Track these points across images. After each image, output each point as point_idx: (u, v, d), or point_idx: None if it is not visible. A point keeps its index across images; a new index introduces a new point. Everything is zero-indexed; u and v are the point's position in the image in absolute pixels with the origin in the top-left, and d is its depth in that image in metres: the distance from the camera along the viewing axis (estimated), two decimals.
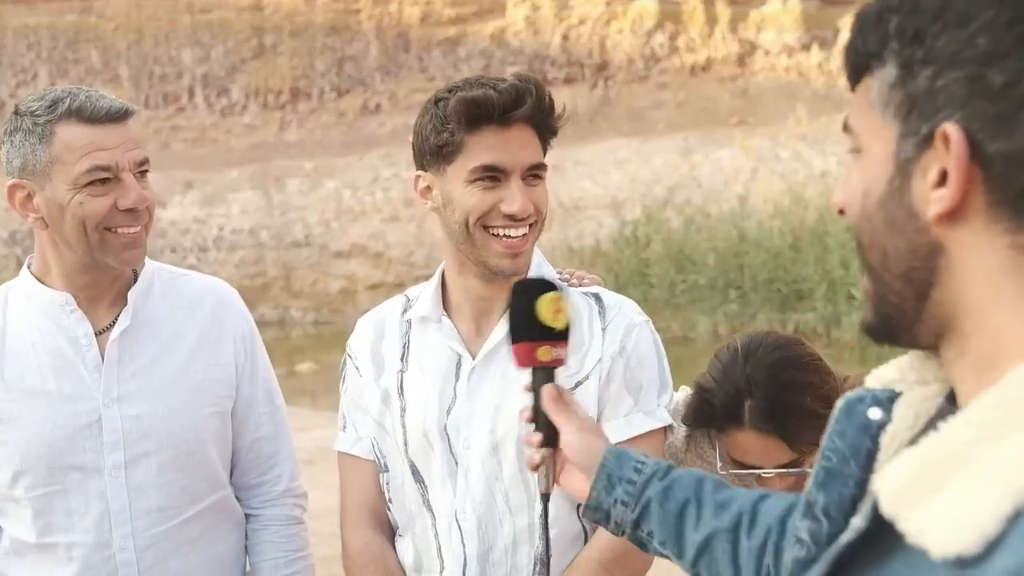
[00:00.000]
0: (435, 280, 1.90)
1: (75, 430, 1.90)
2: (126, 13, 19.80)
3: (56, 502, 1.91)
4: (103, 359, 1.93)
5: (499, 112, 1.75)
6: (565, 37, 19.54)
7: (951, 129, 0.83)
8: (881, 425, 0.99)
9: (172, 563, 1.95)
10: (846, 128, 0.94)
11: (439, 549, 1.85)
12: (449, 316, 1.88)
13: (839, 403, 1.05)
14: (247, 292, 15.89)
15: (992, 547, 0.75)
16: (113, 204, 1.85)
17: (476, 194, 1.76)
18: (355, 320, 2.05)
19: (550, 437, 1.40)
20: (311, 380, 11.78)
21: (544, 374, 1.42)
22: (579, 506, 1.74)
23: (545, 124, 1.81)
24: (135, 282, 1.99)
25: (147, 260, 2.02)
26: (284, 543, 2.08)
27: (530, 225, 1.79)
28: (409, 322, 1.92)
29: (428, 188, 1.83)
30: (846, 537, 0.90)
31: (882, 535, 0.85)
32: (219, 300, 2.06)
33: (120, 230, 1.87)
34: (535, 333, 1.41)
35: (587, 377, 1.81)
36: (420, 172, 1.84)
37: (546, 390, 1.41)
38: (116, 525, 1.91)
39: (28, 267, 2.00)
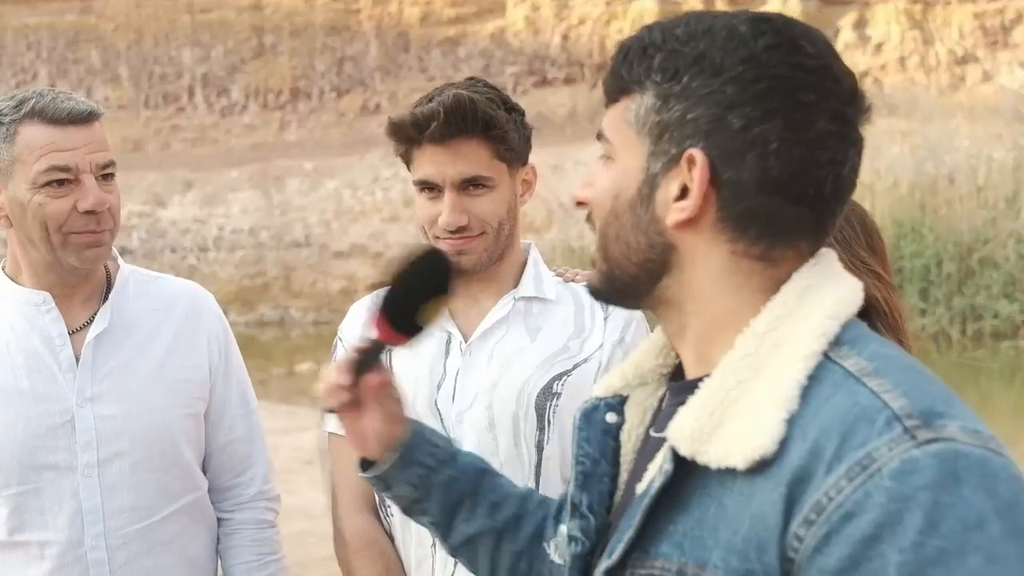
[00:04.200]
0: None
1: (48, 429, 1.90)
2: (126, 13, 19.78)
3: (29, 500, 1.91)
4: (77, 359, 1.93)
5: (425, 131, 1.81)
6: (565, 37, 19.51)
7: (697, 154, 1.02)
8: (619, 426, 1.18)
9: (145, 563, 1.96)
10: (600, 137, 1.11)
11: None
12: None
13: (576, 414, 1.21)
14: (247, 292, 16.09)
15: (783, 445, 0.95)
16: (72, 206, 1.85)
17: (424, 205, 1.86)
18: None
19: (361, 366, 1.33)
20: (311, 380, 11.74)
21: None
22: None
23: (488, 136, 1.81)
24: (108, 282, 1.99)
25: (121, 262, 2.02)
26: (256, 547, 2.08)
27: (480, 234, 1.84)
28: None
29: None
30: (657, 483, 1.02)
31: (675, 482, 1.02)
32: (193, 302, 2.06)
33: (82, 233, 1.87)
34: (403, 326, 1.31)
35: (586, 360, 1.87)
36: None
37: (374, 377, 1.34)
38: (88, 524, 1.91)
39: (1, 267, 2.00)
